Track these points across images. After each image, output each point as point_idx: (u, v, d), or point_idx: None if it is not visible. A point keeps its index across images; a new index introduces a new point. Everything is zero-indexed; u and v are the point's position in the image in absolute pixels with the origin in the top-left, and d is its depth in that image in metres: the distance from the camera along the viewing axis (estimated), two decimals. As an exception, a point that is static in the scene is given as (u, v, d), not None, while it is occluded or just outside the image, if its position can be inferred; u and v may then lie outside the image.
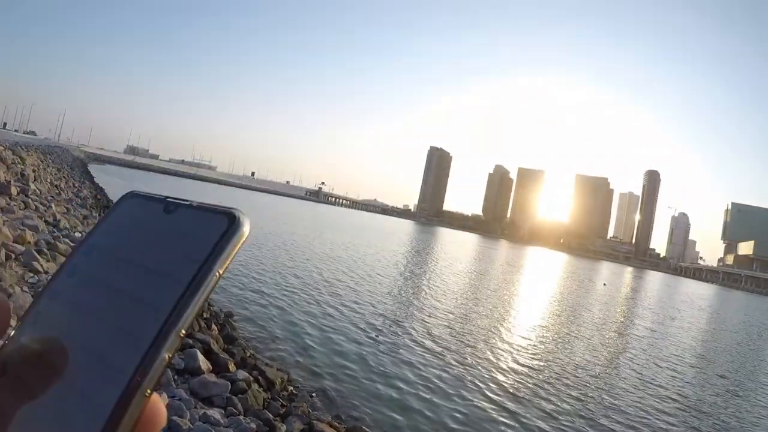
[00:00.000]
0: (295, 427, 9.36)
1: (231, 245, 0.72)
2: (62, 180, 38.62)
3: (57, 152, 71.52)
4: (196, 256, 0.70)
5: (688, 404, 17.87)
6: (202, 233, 0.73)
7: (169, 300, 0.67)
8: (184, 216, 0.76)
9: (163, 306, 0.67)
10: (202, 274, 0.69)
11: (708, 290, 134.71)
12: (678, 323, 42.59)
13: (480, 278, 48.51)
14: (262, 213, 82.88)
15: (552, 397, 15.59)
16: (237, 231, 0.73)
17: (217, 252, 0.71)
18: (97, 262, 0.75)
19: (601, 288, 68.07)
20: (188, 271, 0.69)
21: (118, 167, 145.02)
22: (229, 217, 0.74)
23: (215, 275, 0.70)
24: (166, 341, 0.65)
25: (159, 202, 0.78)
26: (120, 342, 0.65)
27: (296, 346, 15.45)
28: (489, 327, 23.90)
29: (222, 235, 0.72)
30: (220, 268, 0.71)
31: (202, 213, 0.75)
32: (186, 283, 0.68)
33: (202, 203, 0.77)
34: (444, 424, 12.01)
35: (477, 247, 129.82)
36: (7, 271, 9.33)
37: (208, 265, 0.70)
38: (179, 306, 0.66)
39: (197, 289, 0.68)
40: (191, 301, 0.67)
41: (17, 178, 21.68)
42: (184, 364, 9.78)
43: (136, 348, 0.64)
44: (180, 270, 0.69)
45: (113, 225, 0.79)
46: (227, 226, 0.73)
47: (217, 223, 0.73)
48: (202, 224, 0.74)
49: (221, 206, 0.77)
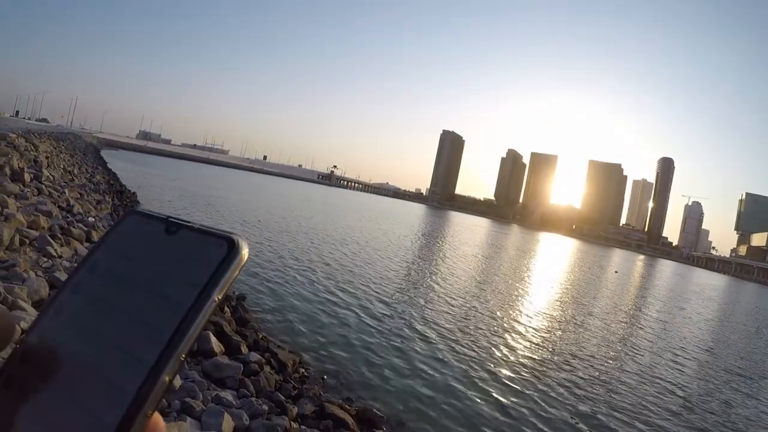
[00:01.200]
0: (306, 408, 9.45)
1: (230, 271, 0.73)
2: (75, 166, 38.82)
3: (70, 139, 71.88)
4: (196, 280, 0.71)
5: (689, 396, 17.92)
6: (202, 257, 0.74)
7: (170, 324, 0.68)
8: (185, 238, 0.76)
9: (165, 329, 0.67)
10: (202, 300, 0.70)
11: (720, 281, 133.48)
12: (687, 313, 42.29)
13: (491, 264, 48.43)
14: (274, 196, 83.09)
15: (558, 384, 15.68)
16: (236, 257, 0.73)
17: (216, 278, 0.71)
18: (100, 280, 0.75)
19: (612, 275, 67.89)
20: (189, 295, 0.70)
21: (131, 152, 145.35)
22: (228, 242, 0.74)
23: (214, 301, 0.71)
24: (167, 365, 0.66)
25: (160, 221, 0.79)
26: (123, 363, 0.66)
27: (308, 328, 15.55)
28: (499, 314, 23.91)
29: (222, 260, 0.73)
30: (219, 294, 0.71)
31: (202, 236, 0.76)
32: (186, 308, 0.69)
33: (203, 226, 0.78)
34: (453, 408, 12.09)
35: (489, 232, 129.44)
36: (21, 256, 9.44)
37: (207, 291, 0.70)
38: (180, 331, 0.67)
39: (197, 315, 0.69)
40: (191, 326, 0.68)
41: (30, 165, 21.83)
42: (197, 346, 9.87)
43: (138, 370, 0.65)
44: (181, 294, 0.70)
45: (116, 243, 0.80)
46: (227, 251, 0.73)
47: (217, 247, 0.74)
48: (203, 248, 0.74)
49: (221, 230, 0.76)
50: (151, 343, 0.67)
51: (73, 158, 44.55)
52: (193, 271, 0.73)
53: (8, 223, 10.45)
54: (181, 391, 7.70)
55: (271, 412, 8.55)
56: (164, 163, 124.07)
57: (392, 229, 66.01)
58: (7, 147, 21.40)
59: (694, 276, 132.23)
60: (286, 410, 8.88)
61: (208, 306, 0.70)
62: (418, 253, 45.77)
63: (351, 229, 53.30)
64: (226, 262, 0.73)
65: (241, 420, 7.65)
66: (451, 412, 11.73)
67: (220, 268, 0.72)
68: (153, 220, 0.80)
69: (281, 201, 76.14)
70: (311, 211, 66.68)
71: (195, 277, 0.72)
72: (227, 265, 0.73)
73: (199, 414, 7.22)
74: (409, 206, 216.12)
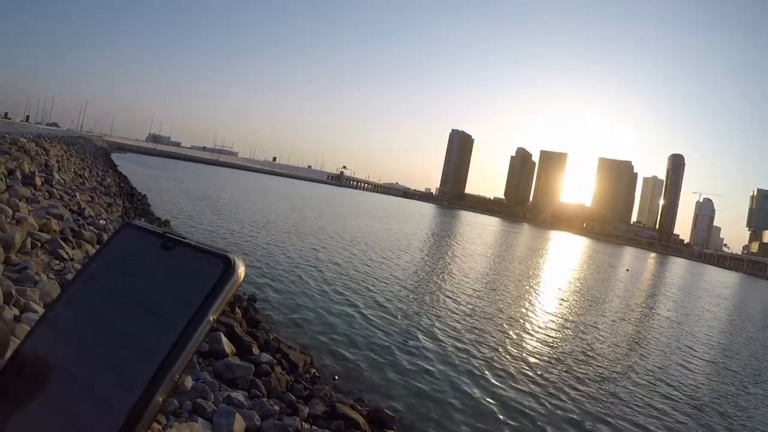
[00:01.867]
0: (318, 409, 9.45)
1: (225, 291, 0.72)
2: (86, 169, 39.04)
3: (80, 142, 72.24)
4: (192, 299, 0.70)
5: (699, 396, 17.82)
6: (198, 276, 0.72)
7: (164, 343, 0.67)
8: (181, 255, 0.75)
9: (159, 349, 0.66)
10: (197, 320, 0.69)
11: (732, 278, 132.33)
12: (699, 311, 42.11)
13: (502, 264, 48.31)
14: (283, 197, 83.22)
15: (570, 384, 15.65)
16: (232, 276, 0.73)
17: (212, 298, 0.70)
18: (95, 294, 0.75)
19: (623, 274, 67.60)
20: (184, 314, 0.69)
21: (141, 155, 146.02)
22: (224, 261, 0.73)
23: (209, 321, 0.70)
24: (161, 385, 0.65)
25: (157, 236, 0.78)
26: (116, 381, 0.65)
27: (319, 329, 15.57)
28: (510, 314, 23.86)
29: (217, 280, 0.72)
30: (214, 314, 0.71)
31: (199, 254, 0.75)
32: (181, 328, 0.68)
33: (200, 243, 0.76)
34: (464, 409, 12.07)
35: (499, 231, 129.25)
36: (33, 259, 9.49)
37: (203, 311, 0.69)
38: (174, 351, 0.66)
39: (192, 335, 0.68)
40: (186, 347, 0.67)
41: (41, 168, 21.96)
42: (209, 347, 9.89)
43: (131, 389, 0.64)
44: (176, 312, 0.69)
45: (111, 257, 0.79)
46: (222, 270, 0.73)
47: (213, 266, 0.73)
48: (199, 266, 0.73)
49: (217, 249, 0.76)
50: (144, 361, 0.66)
51: (83, 162, 44.80)
52: (189, 289, 0.71)
53: (20, 227, 10.50)
54: (193, 392, 7.71)
55: (282, 412, 8.54)
56: (174, 166, 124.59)
57: (402, 228, 65.94)
58: (18, 151, 21.57)
59: (706, 274, 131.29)
60: (298, 411, 8.88)
61: (203, 326, 0.69)
62: (428, 252, 45.72)
63: (360, 228, 53.30)
64: (221, 282, 0.72)
65: (253, 420, 7.65)
66: (462, 412, 11.70)
67: (216, 288, 0.71)
68: (149, 235, 0.79)
69: (290, 201, 76.25)
70: (320, 212, 66.73)
71: (190, 295, 0.71)
72: (222, 285, 0.72)
73: (211, 414, 7.23)
74: (419, 206, 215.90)
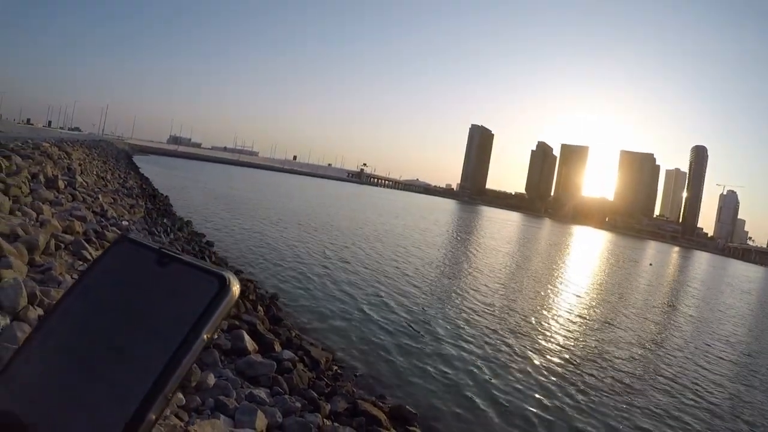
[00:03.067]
0: (339, 405, 9.47)
1: (220, 310, 0.72)
2: (108, 172, 39.49)
3: (102, 146, 73.02)
4: (186, 318, 0.70)
5: (722, 396, 17.58)
6: (193, 294, 0.72)
7: (158, 361, 0.67)
8: (176, 272, 0.75)
9: (153, 367, 0.66)
10: (192, 338, 0.69)
11: (757, 272, 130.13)
12: (722, 308, 41.36)
13: (525, 258, 48.12)
14: (304, 195, 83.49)
15: (592, 382, 15.57)
16: (226, 295, 0.73)
17: (206, 316, 0.71)
18: (89, 309, 0.74)
19: (647, 268, 66.92)
20: (178, 332, 0.69)
21: (163, 157, 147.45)
22: (219, 280, 0.73)
23: (203, 339, 0.70)
24: (154, 404, 0.64)
25: (152, 252, 0.78)
26: (109, 398, 0.65)
27: (341, 326, 15.60)
28: (532, 310, 23.73)
29: (212, 298, 0.72)
30: (208, 333, 0.71)
31: (194, 272, 0.75)
32: (176, 346, 0.68)
33: (194, 260, 0.77)
34: (486, 405, 12.02)
35: (520, 226, 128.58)
36: (57, 260, 9.62)
37: (197, 329, 0.70)
38: (168, 369, 0.66)
39: (186, 353, 0.68)
40: (180, 365, 0.67)
41: (64, 172, 22.23)
42: (231, 344, 9.96)
43: (124, 407, 0.64)
44: (170, 330, 0.69)
45: (106, 270, 0.78)
46: (217, 289, 0.73)
47: (207, 284, 0.73)
48: (194, 284, 0.73)
49: (212, 267, 0.76)
50: (138, 379, 0.65)
51: (105, 164, 45.32)
52: (183, 307, 0.71)
53: (44, 229, 10.65)
54: (215, 389, 7.76)
55: (304, 409, 8.57)
56: (196, 167, 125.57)
57: (422, 225, 65.86)
58: (41, 156, 21.84)
59: (731, 268, 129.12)
60: (319, 407, 8.90)
61: (198, 345, 0.69)
62: (451, 249, 45.65)
63: (382, 225, 53.30)
64: (216, 301, 0.72)
65: (275, 417, 7.68)
66: (483, 409, 11.65)
67: (211, 306, 0.71)
68: (145, 250, 0.78)
69: (310, 200, 76.49)
70: (341, 209, 66.84)
71: (185, 313, 0.70)
72: (217, 304, 0.72)
73: (233, 412, 7.26)
74: (440, 202, 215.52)
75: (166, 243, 18.49)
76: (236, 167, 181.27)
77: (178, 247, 15.93)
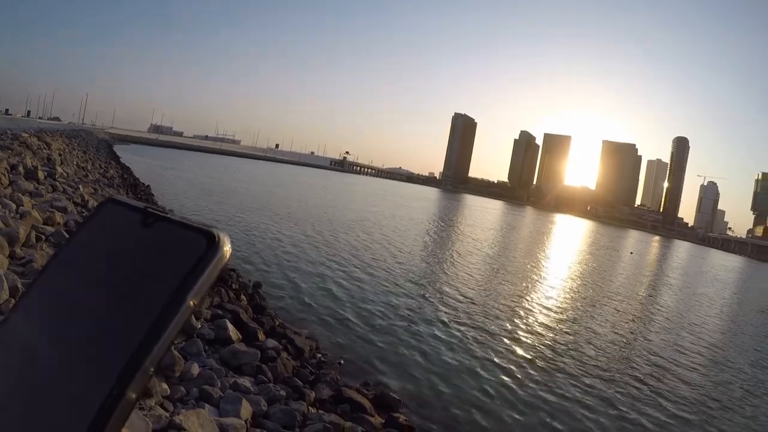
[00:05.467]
0: (324, 393, 9.55)
1: (207, 272, 0.65)
2: (88, 162, 39.14)
3: (82, 136, 72.34)
4: (170, 282, 0.64)
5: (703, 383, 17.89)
6: (178, 255, 0.66)
7: (137, 332, 0.61)
8: (161, 232, 0.68)
9: (132, 339, 0.61)
10: (174, 305, 0.63)
11: (736, 262, 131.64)
12: (702, 295, 41.95)
13: (507, 246, 48.54)
14: (285, 184, 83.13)
15: (570, 368, 15.83)
16: (215, 255, 0.66)
17: (191, 280, 0.64)
18: (70, 278, 0.70)
19: (627, 257, 67.86)
20: (160, 299, 0.63)
21: (144, 146, 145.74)
22: (207, 238, 0.67)
23: (189, 306, 0.64)
24: (132, 380, 0.59)
25: (138, 212, 0.71)
26: (86, 374, 0.60)
27: (324, 314, 15.66)
28: (513, 297, 23.98)
29: (198, 259, 0.65)
30: (195, 298, 0.65)
31: (179, 230, 0.68)
32: (156, 315, 0.62)
33: (183, 218, 0.69)
34: (469, 390, 12.18)
35: (503, 214, 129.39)
36: (38, 252, 9.58)
37: (181, 295, 0.63)
38: (147, 341, 0.61)
39: (168, 322, 0.62)
40: (161, 336, 0.61)
41: (44, 163, 22.03)
42: (215, 334, 9.99)
43: (101, 383, 0.59)
44: (152, 297, 0.63)
45: (90, 235, 0.73)
46: (205, 248, 0.66)
47: (194, 244, 0.66)
48: (179, 244, 0.66)
49: (201, 224, 0.69)
50: (116, 353, 0.60)
51: (86, 155, 44.88)
52: (168, 270, 0.65)
53: (24, 221, 10.60)
54: (199, 379, 7.80)
55: (288, 397, 8.64)
56: (177, 156, 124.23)
57: (405, 213, 66.06)
58: (20, 146, 21.66)
59: (710, 258, 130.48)
60: (304, 395, 8.98)
61: (182, 312, 0.63)
62: (433, 236, 45.88)
63: (365, 214, 53.35)
64: (203, 262, 0.65)
65: (259, 406, 7.74)
66: (467, 393, 11.82)
67: (196, 268, 0.64)
68: (130, 210, 0.72)
69: (291, 188, 76.19)
70: (323, 198, 66.73)
71: (168, 277, 0.64)
72: (204, 265, 0.65)
73: (218, 401, 7.32)
74: (423, 190, 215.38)
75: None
76: (218, 156, 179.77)
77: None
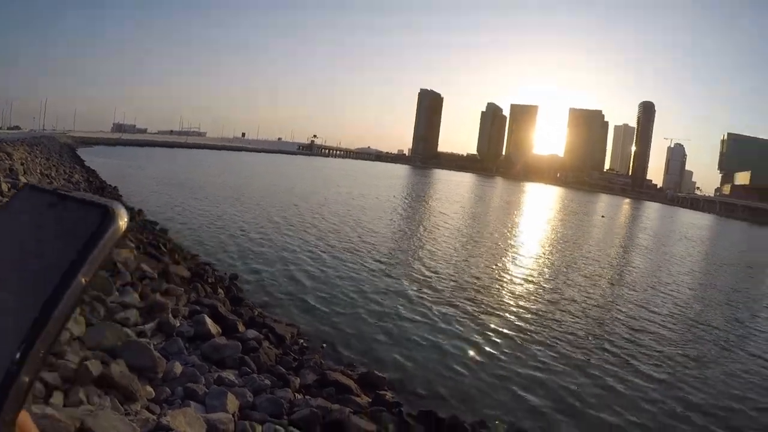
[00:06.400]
0: (309, 378, 9.65)
1: (100, 246, 0.64)
2: (52, 168, 38.46)
3: (44, 142, 70.54)
4: (62, 260, 0.62)
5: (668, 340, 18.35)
6: (76, 232, 0.65)
7: (30, 312, 0.59)
8: (66, 211, 0.67)
9: (24, 322, 0.59)
10: (65, 283, 0.61)
11: (705, 220, 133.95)
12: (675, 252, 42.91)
13: (476, 217, 48.94)
14: (254, 173, 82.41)
15: (550, 333, 16.18)
16: (108, 228, 0.65)
17: (83, 256, 0.62)
18: None
19: (599, 220, 69.01)
20: (52, 279, 0.61)
21: (108, 147, 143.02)
22: (102, 212, 0.66)
23: (81, 283, 0.62)
24: (24, 364, 0.58)
25: (48, 194, 0.71)
26: None
27: (303, 299, 15.73)
28: (489, 268, 24.38)
29: (91, 235, 0.64)
30: (87, 276, 0.63)
31: (78, 207, 0.67)
32: (47, 295, 0.60)
33: (85, 195, 0.69)
34: (449, 364, 12.41)
35: (473, 186, 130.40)
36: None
37: (71, 272, 0.62)
38: (38, 323, 0.59)
39: (58, 301, 0.60)
40: (50, 317, 0.59)
41: (6, 174, 21.66)
42: (194, 330, 10.01)
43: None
44: (44, 278, 0.62)
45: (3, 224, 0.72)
46: (98, 223, 0.65)
47: (88, 219, 0.65)
48: (76, 221, 0.66)
49: (99, 199, 0.68)
50: (8, 337, 0.59)
51: (49, 161, 44.03)
52: (65, 248, 0.63)
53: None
54: (183, 377, 7.82)
55: (274, 386, 8.72)
56: (143, 153, 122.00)
57: (373, 192, 66.10)
58: (-21, 159, 21.19)
59: (680, 217, 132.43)
60: (289, 382, 9.06)
61: (74, 289, 0.61)
62: (402, 213, 46.03)
63: (333, 195, 53.27)
64: (95, 237, 0.64)
65: (245, 397, 7.79)
66: (447, 368, 12.03)
67: (89, 243, 0.63)
68: (42, 194, 0.71)
69: (259, 178, 75.51)
70: (291, 184, 66.27)
71: (62, 256, 0.63)
72: (96, 240, 0.63)
73: (203, 397, 7.35)
74: (393, 168, 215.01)
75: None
76: (183, 150, 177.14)
77: (131, 237, 15.64)
